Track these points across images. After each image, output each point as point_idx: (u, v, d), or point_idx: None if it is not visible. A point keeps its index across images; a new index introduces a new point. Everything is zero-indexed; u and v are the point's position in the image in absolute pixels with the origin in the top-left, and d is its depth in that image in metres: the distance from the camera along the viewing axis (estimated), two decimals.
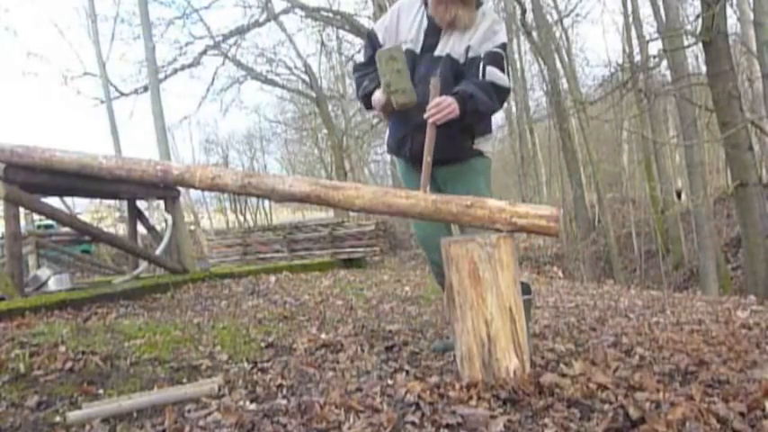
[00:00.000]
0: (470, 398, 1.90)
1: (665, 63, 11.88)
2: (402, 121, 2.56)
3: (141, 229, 6.13)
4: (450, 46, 2.45)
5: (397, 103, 2.35)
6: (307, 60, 19.61)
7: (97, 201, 13.73)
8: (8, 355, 2.46)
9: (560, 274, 12.07)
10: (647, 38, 12.89)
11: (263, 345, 2.93)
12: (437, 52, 2.47)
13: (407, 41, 2.51)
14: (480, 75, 2.37)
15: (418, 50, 2.50)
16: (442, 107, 2.23)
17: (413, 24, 2.52)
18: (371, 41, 2.59)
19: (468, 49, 2.42)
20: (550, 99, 17.48)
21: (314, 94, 20.01)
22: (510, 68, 2.47)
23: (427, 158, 2.28)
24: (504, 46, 2.43)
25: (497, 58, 2.39)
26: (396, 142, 2.63)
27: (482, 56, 2.39)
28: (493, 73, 2.36)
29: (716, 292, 9.02)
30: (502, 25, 2.51)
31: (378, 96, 2.47)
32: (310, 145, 28.78)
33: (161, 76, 14.53)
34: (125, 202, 6.52)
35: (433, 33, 2.50)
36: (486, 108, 2.38)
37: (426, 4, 2.50)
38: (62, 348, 2.60)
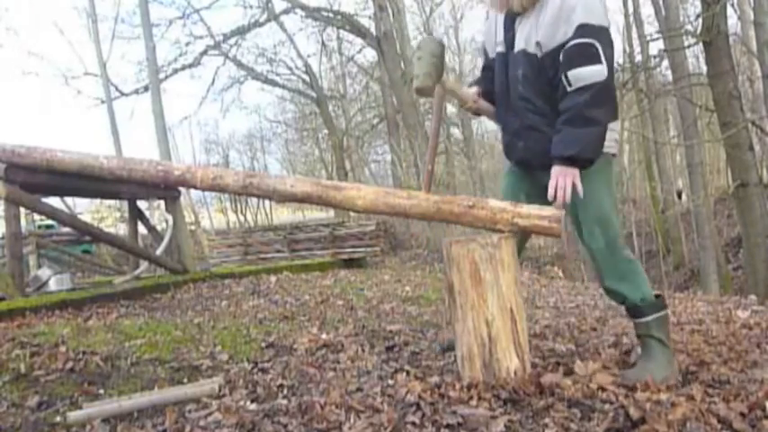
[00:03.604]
0: (471, 398, 1.90)
1: (665, 63, 11.87)
2: (503, 129, 2.38)
3: (142, 229, 6.14)
4: (525, 38, 2.15)
5: (412, 88, 2.27)
6: (307, 60, 19.66)
7: (98, 201, 13.75)
8: (9, 355, 2.46)
9: (561, 274, 12.04)
10: (648, 38, 12.86)
11: (263, 345, 2.93)
12: (515, 48, 2.20)
13: (499, 43, 2.29)
14: (567, 85, 2.02)
15: (505, 49, 2.26)
16: (561, 191, 2.05)
17: (497, 23, 2.31)
18: (483, 50, 2.46)
19: (538, 45, 2.10)
20: None
21: (314, 95, 20.03)
22: (605, 48, 1.99)
23: (428, 167, 2.28)
24: (583, 29, 1.97)
25: (577, 54, 1.99)
26: (504, 148, 2.46)
27: (561, 58, 2.03)
28: (578, 76, 1.99)
29: (716, 291, 9.01)
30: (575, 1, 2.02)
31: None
32: (311, 145, 28.78)
33: (161, 76, 14.54)
34: (126, 203, 6.53)
35: (510, 27, 2.23)
36: (594, 138, 2.03)
37: None
38: (63, 348, 2.61)
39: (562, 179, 2.05)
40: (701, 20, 8.16)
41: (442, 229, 11.61)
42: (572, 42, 1.99)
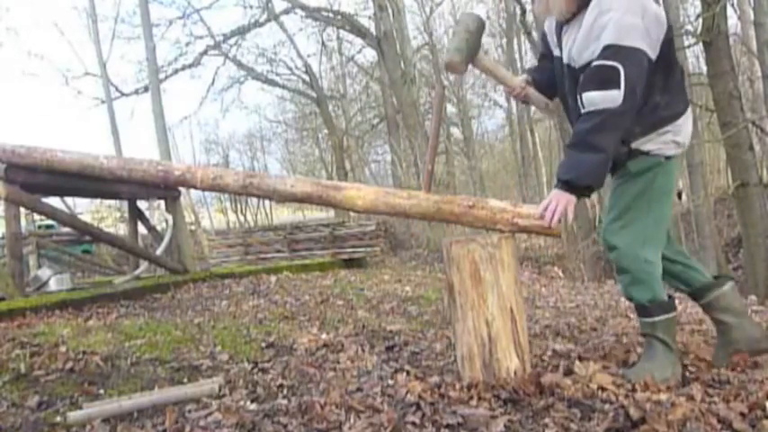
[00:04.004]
0: (471, 398, 1.90)
1: None
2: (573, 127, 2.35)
3: (142, 229, 6.14)
4: (567, 50, 2.09)
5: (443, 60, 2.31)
6: (307, 60, 19.63)
7: (98, 201, 13.77)
8: (9, 355, 2.47)
9: (561, 274, 12.05)
10: None
11: (263, 345, 2.93)
12: (564, 58, 2.14)
13: (555, 45, 2.22)
14: (581, 107, 1.97)
15: (560, 54, 2.18)
16: (548, 216, 2.02)
17: (553, 23, 2.22)
18: (544, 41, 2.38)
19: (573, 59, 2.06)
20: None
21: (314, 95, 20.03)
22: (629, 71, 1.86)
23: (428, 167, 2.30)
24: (608, 50, 1.88)
25: (594, 76, 1.92)
26: None
27: (581, 78, 1.98)
28: (590, 100, 1.92)
29: None
30: (610, 15, 1.90)
31: None
32: (311, 145, 28.76)
33: (161, 76, 14.55)
34: (126, 203, 6.53)
35: (559, 33, 2.15)
36: (594, 166, 1.93)
37: None
38: (63, 348, 2.61)
39: (555, 202, 2.01)
40: (701, 20, 8.15)
41: (442, 229, 11.61)
42: (594, 63, 1.92)
